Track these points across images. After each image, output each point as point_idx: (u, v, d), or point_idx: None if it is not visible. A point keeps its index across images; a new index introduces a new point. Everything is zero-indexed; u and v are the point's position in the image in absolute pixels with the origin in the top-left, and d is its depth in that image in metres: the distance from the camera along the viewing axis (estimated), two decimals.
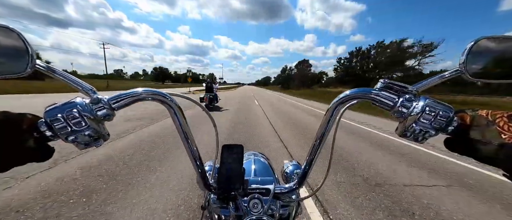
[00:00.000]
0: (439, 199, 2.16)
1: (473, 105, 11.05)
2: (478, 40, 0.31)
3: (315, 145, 0.45)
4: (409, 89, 0.34)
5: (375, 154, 3.52)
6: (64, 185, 2.14)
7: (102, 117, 0.32)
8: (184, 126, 0.42)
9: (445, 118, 0.31)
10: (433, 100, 0.32)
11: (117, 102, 0.34)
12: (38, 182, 2.18)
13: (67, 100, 0.31)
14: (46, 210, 1.74)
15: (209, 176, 0.49)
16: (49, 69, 0.31)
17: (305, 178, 0.48)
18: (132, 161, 2.83)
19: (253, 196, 0.45)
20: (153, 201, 1.93)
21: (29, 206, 1.78)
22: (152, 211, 1.79)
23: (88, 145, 0.32)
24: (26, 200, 1.85)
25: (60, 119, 0.29)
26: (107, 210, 1.77)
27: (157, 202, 1.91)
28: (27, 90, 15.12)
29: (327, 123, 0.41)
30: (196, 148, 0.45)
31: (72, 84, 0.32)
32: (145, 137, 4.02)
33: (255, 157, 0.81)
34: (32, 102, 9.22)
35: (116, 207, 1.81)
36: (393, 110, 0.34)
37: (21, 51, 0.29)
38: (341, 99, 0.38)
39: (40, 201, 1.85)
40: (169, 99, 0.38)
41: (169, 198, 1.99)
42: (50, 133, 0.30)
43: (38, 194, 1.95)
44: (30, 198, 1.88)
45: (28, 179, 2.21)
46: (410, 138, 0.34)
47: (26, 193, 1.96)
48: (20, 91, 14.36)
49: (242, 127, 5.35)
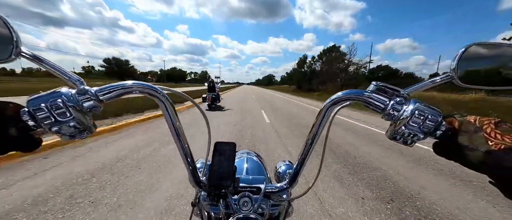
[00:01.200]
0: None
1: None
2: (469, 46, 0.31)
3: (307, 145, 0.45)
4: (400, 92, 0.34)
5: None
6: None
7: (88, 108, 0.32)
8: (175, 123, 0.41)
9: (433, 122, 0.31)
10: (423, 104, 0.32)
11: (105, 94, 0.33)
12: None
13: (52, 90, 0.30)
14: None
15: (201, 173, 0.49)
16: (35, 57, 0.31)
17: (296, 177, 0.48)
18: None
19: (243, 194, 0.45)
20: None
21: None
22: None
23: (73, 137, 0.32)
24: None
25: (43, 108, 0.29)
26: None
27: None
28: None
29: (320, 124, 0.41)
30: (187, 145, 0.45)
31: (58, 73, 0.31)
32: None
33: (248, 156, 0.81)
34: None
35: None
36: (384, 112, 0.34)
37: (5, 37, 0.28)
38: (333, 100, 0.38)
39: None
40: (160, 93, 0.37)
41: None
42: (32, 123, 0.29)
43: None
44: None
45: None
46: (400, 141, 0.34)
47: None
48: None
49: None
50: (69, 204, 1.82)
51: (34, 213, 1.69)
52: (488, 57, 0.31)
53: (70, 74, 0.32)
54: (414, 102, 0.32)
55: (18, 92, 10.86)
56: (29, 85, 19.45)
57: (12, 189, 2.03)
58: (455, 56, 0.32)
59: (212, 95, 8.35)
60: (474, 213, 1.95)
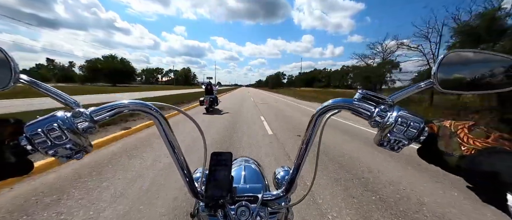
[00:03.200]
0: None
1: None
2: (448, 54, 0.32)
3: (301, 150, 0.46)
4: (385, 100, 0.35)
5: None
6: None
7: (83, 130, 0.33)
8: (170, 136, 0.42)
9: (415, 129, 0.32)
10: (406, 111, 0.33)
11: (99, 114, 0.34)
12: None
13: (48, 115, 0.31)
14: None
15: (198, 184, 0.49)
16: (32, 82, 0.32)
17: (292, 184, 0.49)
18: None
19: (240, 203, 0.45)
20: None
21: None
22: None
23: (69, 158, 0.33)
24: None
25: (40, 133, 0.30)
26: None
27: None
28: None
29: (312, 130, 0.42)
30: (183, 157, 0.46)
31: (55, 97, 0.33)
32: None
33: (246, 164, 0.81)
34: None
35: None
36: (370, 120, 0.35)
37: (4, 66, 0.29)
38: (323, 109, 0.39)
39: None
40: (154, 110, 0.38)
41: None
42: (30, 147, 0.30)
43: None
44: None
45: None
46: (387, 147, 0.35)
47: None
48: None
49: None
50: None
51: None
52: (466, 64, 0.32)
53: (66, 97, 0.33)
54: (397, 109, 0.33)
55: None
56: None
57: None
58: (435, 62, 0.33)
59: (210, 97, 8.07)
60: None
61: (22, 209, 1.78)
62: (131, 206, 1.87)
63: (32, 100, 9.08)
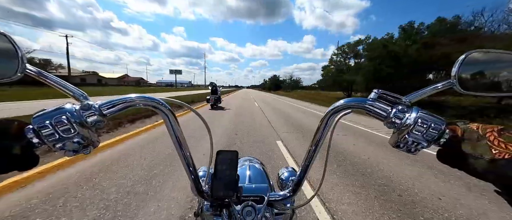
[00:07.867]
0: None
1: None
2: (469, 54, 0.31)
3: (310, 152, 0.45)
4: (402, 100, 0.34)
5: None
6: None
7: (92, 124, 0.32)
8: (177, 132, 0.41)
9: (437, 131, 0.31)
10: (425, 112, 0.32)
11: (108, 108, 0.33)
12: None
13: (57, 106, 0.30)
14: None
15: (203, 182, 0.48)
16: (40, 73, 0.31)
17: (299, 185, 0.48)
18: None
19: (246, 203, 0.44)
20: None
21: None
22: None
23: (77, 152, 0.32)
24: None
25: (48, 126, 0.29)
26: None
27: None
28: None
29: (322, 131, 0.41)
30: (189, 154, 0.45)
31: (63, 89, 0.32)
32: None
33: (250, 163, 0.80)
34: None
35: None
36: (386, 120, 0.34)
37: (11, 55, 0.28)
38: (335, 108, 0.38)
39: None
40: (162, 105, 0.37)
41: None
42: (37, 140, 0.29)
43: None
44: None
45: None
46: (403, 149, 0.34)
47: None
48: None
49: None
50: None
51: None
52: (487, 64, 0.31)
53: (74, 89, 0.32)
54: (416, 110, 0.32)
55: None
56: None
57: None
58: (456, 63, 0.32)
59: (214, 97, 10.29)
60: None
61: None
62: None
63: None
